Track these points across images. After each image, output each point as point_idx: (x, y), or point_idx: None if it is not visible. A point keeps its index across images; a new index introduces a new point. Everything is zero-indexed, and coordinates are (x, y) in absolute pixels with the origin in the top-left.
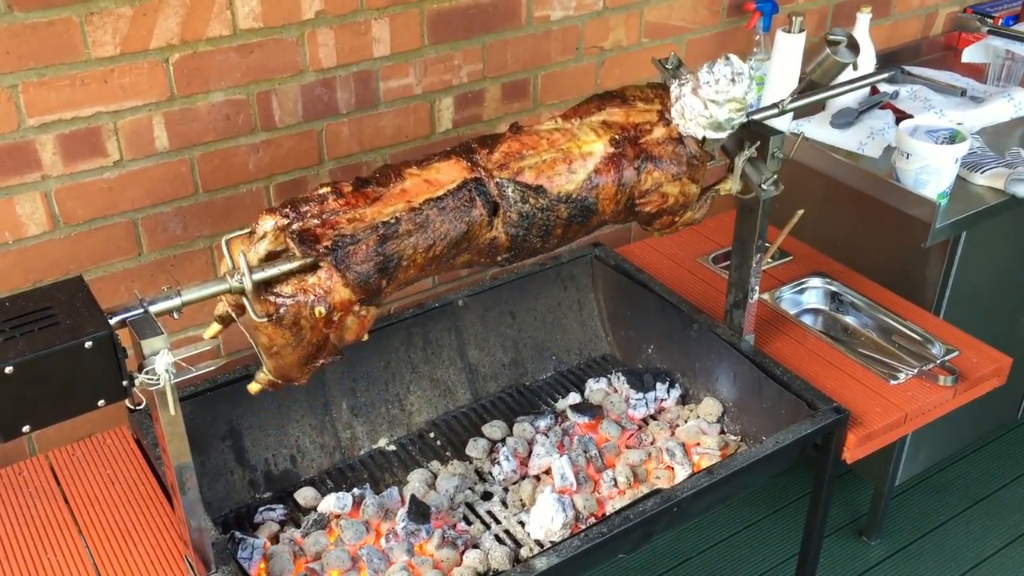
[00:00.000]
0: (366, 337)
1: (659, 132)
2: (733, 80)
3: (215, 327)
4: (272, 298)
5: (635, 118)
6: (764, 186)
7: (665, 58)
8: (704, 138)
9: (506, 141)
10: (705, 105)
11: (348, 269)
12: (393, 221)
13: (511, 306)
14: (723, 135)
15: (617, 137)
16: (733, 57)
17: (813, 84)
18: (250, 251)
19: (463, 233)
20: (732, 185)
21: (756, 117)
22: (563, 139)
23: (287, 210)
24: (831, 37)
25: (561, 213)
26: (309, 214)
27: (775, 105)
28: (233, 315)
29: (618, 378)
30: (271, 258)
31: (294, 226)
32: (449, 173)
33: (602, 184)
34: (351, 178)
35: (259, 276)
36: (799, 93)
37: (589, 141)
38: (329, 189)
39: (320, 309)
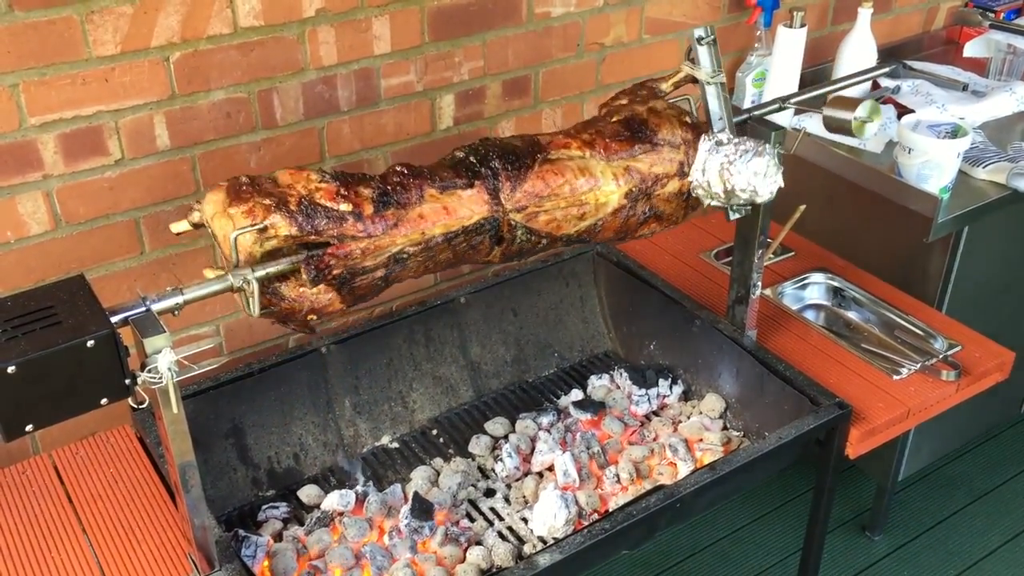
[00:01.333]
0: None
1: (672, 186)
2: (758, 189)
3: (184, 226)
4: (269, 295)
5: (658, 168)
6: (732, 208)
7: (705, 28)
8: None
9: (531, 178)
10: (724, 190)
11: (350, 293)
12: (404, 256)
13: (513, 303)
14: (724, 205)
15: (634, 190)
16: (770, 159)
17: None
18: (256, 247)
19: (462, 258)
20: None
21: (757, 113)
22: (585, 186)
23: (302, 220)
24: (861, 115)
25: (557, 246)
26: (327, 233)
27: (776, 101)
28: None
29: (620, 374)
30: (274, 254)
31: (310, 238)
32: (469, 205)
33: (603, 228)
34: (372, 180)
35: (260, 274)
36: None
37: (608, 192)
38: (350, 208)
39: (313, 317)
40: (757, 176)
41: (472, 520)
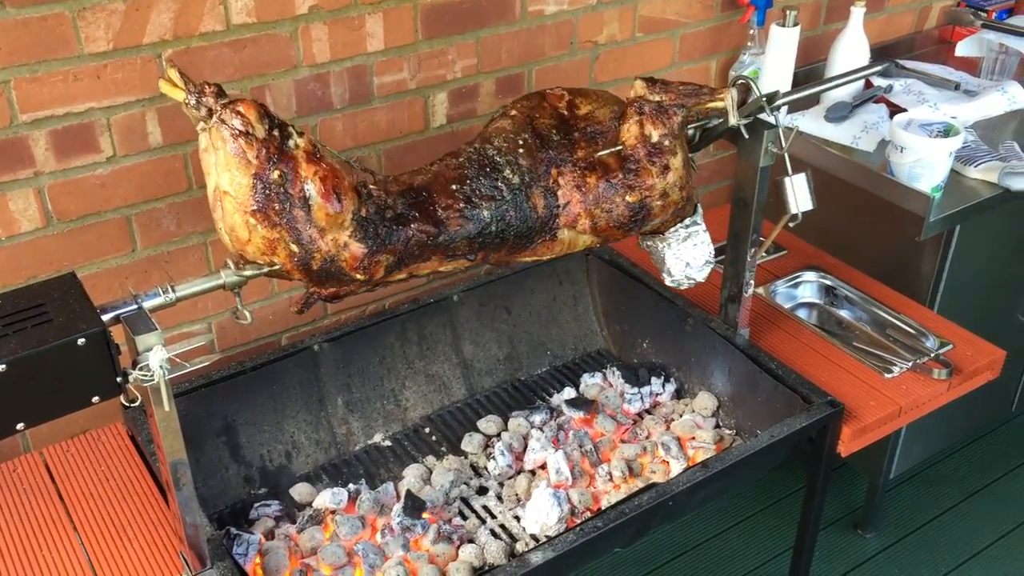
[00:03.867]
0: None
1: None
2: (684, 279)
3: (179, 96)
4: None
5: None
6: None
7: (778, 93)
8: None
9: (526, 252)
10: (658, 261)
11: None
12: (388, 284)
13: (506, 301)
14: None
15: (597, 247)
16: (710, 269)
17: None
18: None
19: None
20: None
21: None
22: (562, 252)
23: (316, 281)
24: (799, 213)
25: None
26: (336, 292)
27: (761, 98)
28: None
29: (613, 373)
30: None
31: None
32: (463, 265)
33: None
34: (396, 242)
35: (249, 274)
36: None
37: (575, 250)
38: (364, 278)
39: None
40: (695, 272)
41: (464, 518)
